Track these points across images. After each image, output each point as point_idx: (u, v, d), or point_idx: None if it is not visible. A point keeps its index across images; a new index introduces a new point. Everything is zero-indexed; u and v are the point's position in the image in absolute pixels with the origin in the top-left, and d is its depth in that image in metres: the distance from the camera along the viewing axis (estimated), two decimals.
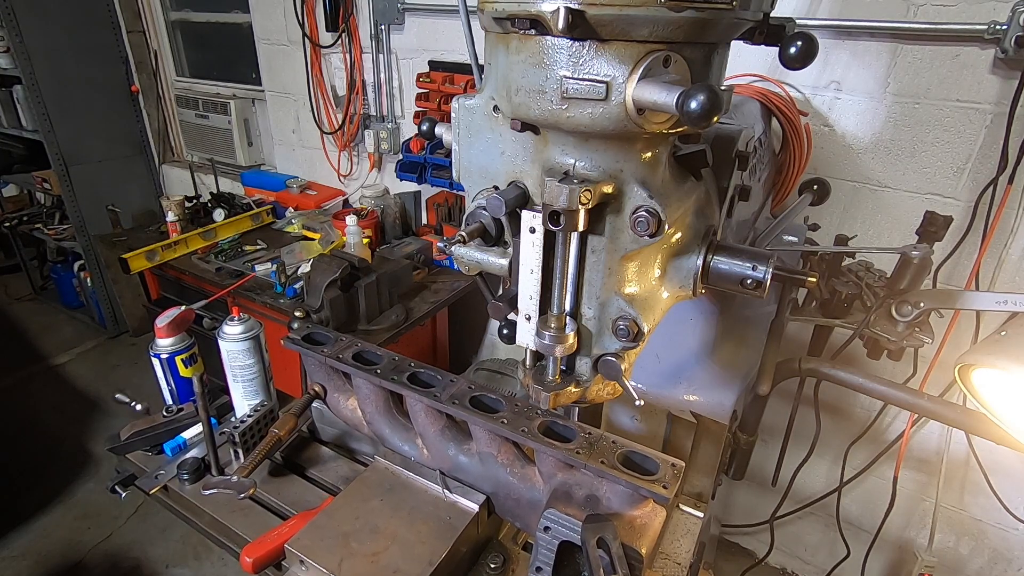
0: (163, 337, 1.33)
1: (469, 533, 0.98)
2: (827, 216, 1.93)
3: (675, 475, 0.84)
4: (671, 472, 0.84)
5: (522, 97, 0.67)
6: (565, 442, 0.90)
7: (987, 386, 0.92)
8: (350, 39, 2.74)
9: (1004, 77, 1.59)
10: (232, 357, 1.27)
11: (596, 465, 0.85)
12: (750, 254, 0.78)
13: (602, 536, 0.80)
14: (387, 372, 1.04)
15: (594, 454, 0.87)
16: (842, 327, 1.32)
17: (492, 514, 1.04)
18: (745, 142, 0.90)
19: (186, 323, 1.36)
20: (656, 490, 0.82)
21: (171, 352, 1.33)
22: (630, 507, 0.87)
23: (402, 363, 1.07)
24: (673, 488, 0.82)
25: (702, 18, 0.59)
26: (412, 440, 1.09)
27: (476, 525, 1.00)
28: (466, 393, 0.99)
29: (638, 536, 0.84)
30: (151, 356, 1.34)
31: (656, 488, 0.82)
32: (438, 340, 2.82)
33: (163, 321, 1.33)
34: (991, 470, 1.93)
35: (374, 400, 1.10)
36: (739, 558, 2.63)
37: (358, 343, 1.13)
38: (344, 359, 1.08)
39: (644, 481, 0.83)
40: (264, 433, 1.23)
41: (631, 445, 0.89)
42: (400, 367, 1.06)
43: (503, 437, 0.95)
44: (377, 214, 2.77)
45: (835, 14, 1.73)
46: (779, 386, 1.28)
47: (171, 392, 1.37)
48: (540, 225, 0.72)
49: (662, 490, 0.81)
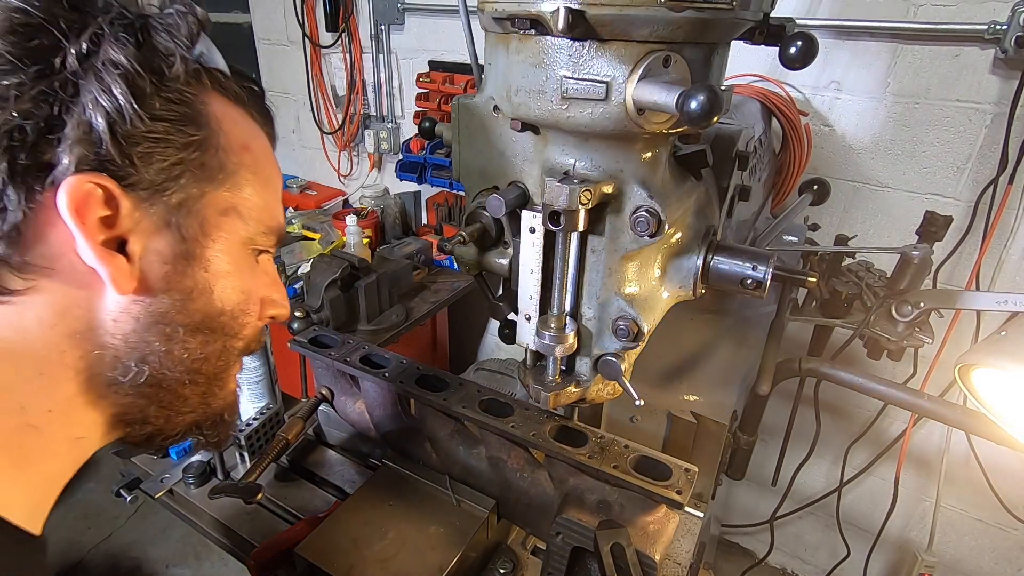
0: None
1: (479, 538, 0.97)
2: (827, 216, 1.93)
3: (688, 480, 0.83)
4: (684, 477, 0.83)
5: (522, 97, 0.67)
6: (577, 446, 0.89)
7: (987, 386, 0.92)
8: (350, 39, 2.74)
9: (1004, 77, 1.59)
10: None
11: (609, 470, 0.84)
12: (750, 254, 0.78)
13: (616, 542, 0.79)
14: (395, 375, 1.03)
15: (606, 459, 0.86)
16: (842, 327, 1.32)
17: (501, 519, 1.03)
18: (745, 142, 0.90)
19: None
20: (670, 495, 0.81)
21: None
22: (643, 512, 0.86)
23: (410, 366, 1.05)
24: (687, 493, 0.81)
25: (702, 18, 0.59)
26: (421, 444, 1.08)
27: (486, 530, 0.99)
28: (476, 397, 0.98)
29: (651, 542, 0.83)
30: None
31: (670, 494, 0.81)
32: (438, 340, 2.82)
33: None
34: (991, 470, 1.93)
35: (382, 404, 1.09)
36: (739, 558, 2.63)
37: (365, 345, 1.12)
38: (352, 362, 1.07)
39: (657, 487, 0.82)
40: (271, 436, 1.23)
41: (643, 450, 0.88)
42: (408, 370, 1.04)
43: (513, 441, 0.94)
44: (377, 214, 2.77)
45: (835, 14, 1.73)
46: (779, 386, 1.28)
47: None
48: (540, 225, 0.72)
49: (676, 496, 0.80)
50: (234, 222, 0.56)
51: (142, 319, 0.51)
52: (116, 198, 0.47)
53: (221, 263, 0.55)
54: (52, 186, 0.45)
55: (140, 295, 0.50)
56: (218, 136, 0.53)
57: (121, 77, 0.46)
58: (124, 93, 0.46)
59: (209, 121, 0.53)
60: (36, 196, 0.45)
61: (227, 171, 0.54)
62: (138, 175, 0.48)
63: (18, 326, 0.48)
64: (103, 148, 0.45)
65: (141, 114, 0.47)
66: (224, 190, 0.54)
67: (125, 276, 0.48)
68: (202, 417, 0.61)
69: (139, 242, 0.50)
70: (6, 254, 0.45)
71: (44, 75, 0.44)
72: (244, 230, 0.57)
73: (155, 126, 0.48)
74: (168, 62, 0.49)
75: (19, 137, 0.43)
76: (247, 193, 0.56)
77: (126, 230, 0.48)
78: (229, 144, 0.54)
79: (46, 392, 0.49)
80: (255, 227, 0.57)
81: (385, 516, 0.98)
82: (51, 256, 0.47)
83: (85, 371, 0.51)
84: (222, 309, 0.56)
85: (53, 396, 0.50)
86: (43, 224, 0.46)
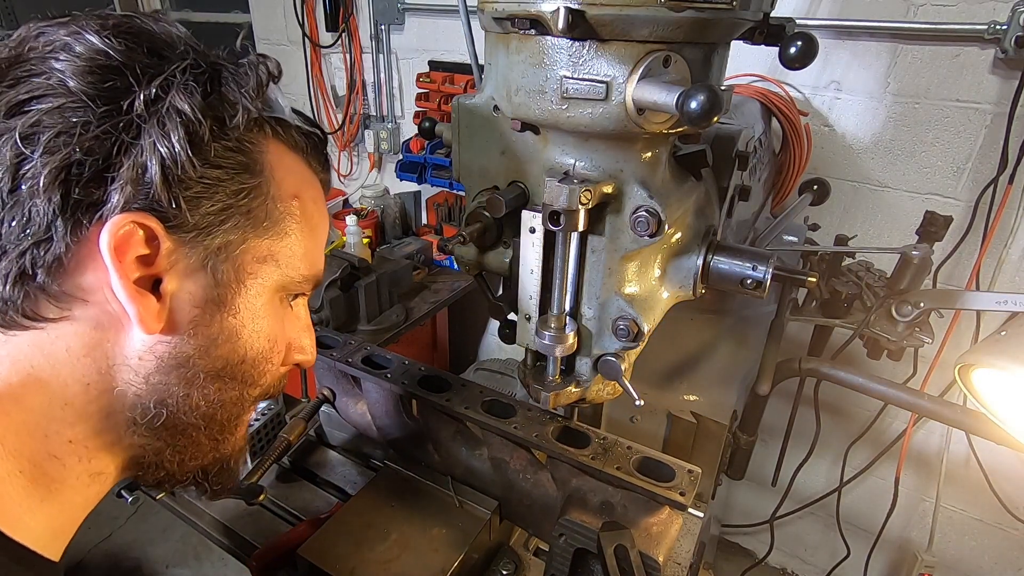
0: None
1: (481, 540, 0.97)
2: (827, 216, 1.93)
3: (692, 481, 0.83)
4: (688, 478, 0.83)
5: (522, 97, 0.67)
6: (580, 448, 0.88)
7: (987, 386, 0.92)
8: (350, 39, 2.74)
9: (1004, 77, 1.59)
10: None
11: (612, 472, 0.83)
12: (750, 254, 0.78)
13: (620, 544, 0.79)
14: (398, 376, 1.02)
15: (609, 460, 0.85)
16: (842, 327, 1.32)
17: (504, 520, 1.02)
18: (745, 142, 0.90)
19: None
20: (673, 497, 0.80)
21: None
22: (646, 514, 0.86)
23: (412, 367, 1.05)
24: (691, 495, 0.80)
25: (702, 18, 0.59)
26: (423, 444, 1.07)
27: (488, 531, 0.98)
28: (479, 398, 0.98)
29: (655, 544, 0.82)
30: None
31: (673, 495, 0.80)
32: (438, 340, 2.82)
33: None
34: (991, 470, 1.93)
35: (384, 404, 1.08)
36: (739, 558, 2.63)
37: (367, 346, 1.11)
38: (354, 363, 1.06)
39: (661, 488, 0.81)
40: (272, 437, 1.22)
41: (646, 451, 0.88)
42: (411, 371, 1.04)
43: (514, 442, 0.94)
44: (377, 214, 2.77)
45: (835, 14, 1.73)
46: (779, 386, 1.28)
47: None
48: (540, 225, 0.72)
49: (679, 497, 0.80)
50: (270, 269, 0.55)
51: (165, 360, 0.51)
52: (158, 239, 0.47)
53: (251, 309, 0.55)
54: (99, 221, 0.45)
55: (167, 335, 0.50)
56: (269, 184, 0.53)
57: (182, 124, 0.46)
58: (181, 139, 0.46)
59: (263, 169, 0.53)
60: (82, 230, 0.45)
61: (272, 219, 0.54)
62: (184, 218, 0.48)
63: (49, 353, 0.48)
64: (153, 190, 0.46)
65: (195, 160, 0.47)
66: (266, 238, 0.54)
67: (153, 316, 0.48)
68: (211, 463, 0.60)
69: (173, 282, 0.49)
70: (45, 283, 0.46)
71: (110, 115, 0.45)
72: (280, 277, 0.56)
73: (208, 172, 0.49)
74: (231, 111, 0.50)
75: (76, 172, 0.44)
76: (289, 242, 0.56)
77: (162, 270, 0.49)
78: (279, 193, 0.55)
79: (69, 424, 0.50)
80: (292, 274, 0.57)
81: (387, 517, 0.98)
82: (87, 288, 0.47)
83: (106, 407, 0.51)
84: (244, 356, 0.56)
85: (75, 428, 0.50)
86: (84, 256, 0.46)
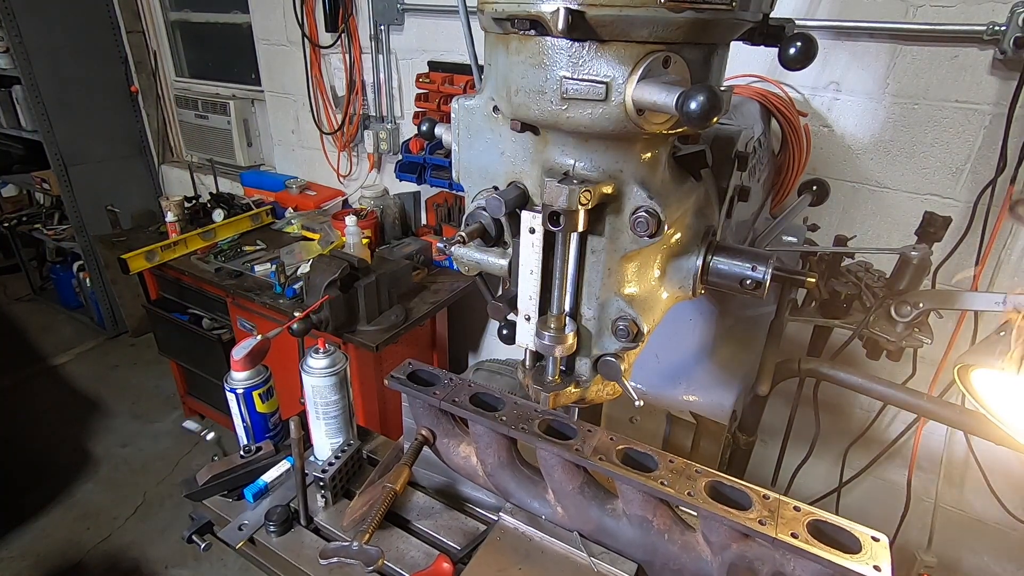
0: (239, 370, 1.21)
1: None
2: (826, 216, 1.93)
3: (883, 552, 0.73)
4: (875, 547, 0.73)
5: (522, 97, 0.67)
6: (739, 507, 0.79)
7: (986, 386, 0.92)
8: (350, 39, 2.74)
9: (1003, 78, 1.59)
10: (317, 393, 1.16)
11: (788, 539, 0.74)
12: (749, 254, 0.78)
13: None
14: (513, 420, 0.92)
15: (780, 524, 0.76)
16: (841, 327, 1.32)
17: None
18: (745, 143, 0.90)
19: (263, 354, 1.24)
20: (868, 573, 0.70)
21: (248, 386, 1.21)
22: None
23: (526, 409, 0.94)
24: (886, 568, 0.71)
25: (702, 19, 0.59)
26: (542, 495, 0.99)
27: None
28: (611, 447, 0.87)
29: None
30: (227, 391, 1.22)
31: (867, 570, 0.70)
32: (438, 340, 2.82)
33: (240, 353, 1.19)
34: (991, 470, 1.93)
35: (496, 450, 0.99)
36: None
37: (471, 383, 1.02)
38: (461, 403, 0.97)
39: (854, 560, 0.72)
40: (351, 475, 1.17)
41: (818, 513, 0.79)
42: (526, 414, 0.93)
43: (658, 498, 0.85)
44: (376, 214, 2.77)
45: (834, 15, 1.73)
46: (779, 386, 1.28)
47: (246, 428, 1.25)
48: (540, 225, 0.72)
49: (874, 572, 0.70)
50: None
51: None
52: None
53: None
54: None
55: None
56: None
57: None
58: None
59: None
60: None
61: None
62: None
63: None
64: None
65: None
66: None
67: None
68: None
69: None
70: None
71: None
72: None
73: None
74: None
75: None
76: None
77: None
78: None
79: None
80: None
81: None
82: None
83: None
84: None
85: None
86: None
